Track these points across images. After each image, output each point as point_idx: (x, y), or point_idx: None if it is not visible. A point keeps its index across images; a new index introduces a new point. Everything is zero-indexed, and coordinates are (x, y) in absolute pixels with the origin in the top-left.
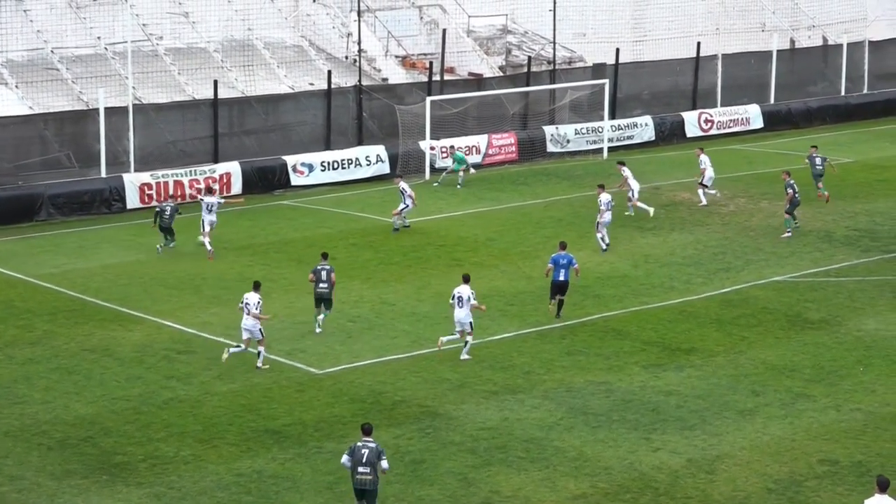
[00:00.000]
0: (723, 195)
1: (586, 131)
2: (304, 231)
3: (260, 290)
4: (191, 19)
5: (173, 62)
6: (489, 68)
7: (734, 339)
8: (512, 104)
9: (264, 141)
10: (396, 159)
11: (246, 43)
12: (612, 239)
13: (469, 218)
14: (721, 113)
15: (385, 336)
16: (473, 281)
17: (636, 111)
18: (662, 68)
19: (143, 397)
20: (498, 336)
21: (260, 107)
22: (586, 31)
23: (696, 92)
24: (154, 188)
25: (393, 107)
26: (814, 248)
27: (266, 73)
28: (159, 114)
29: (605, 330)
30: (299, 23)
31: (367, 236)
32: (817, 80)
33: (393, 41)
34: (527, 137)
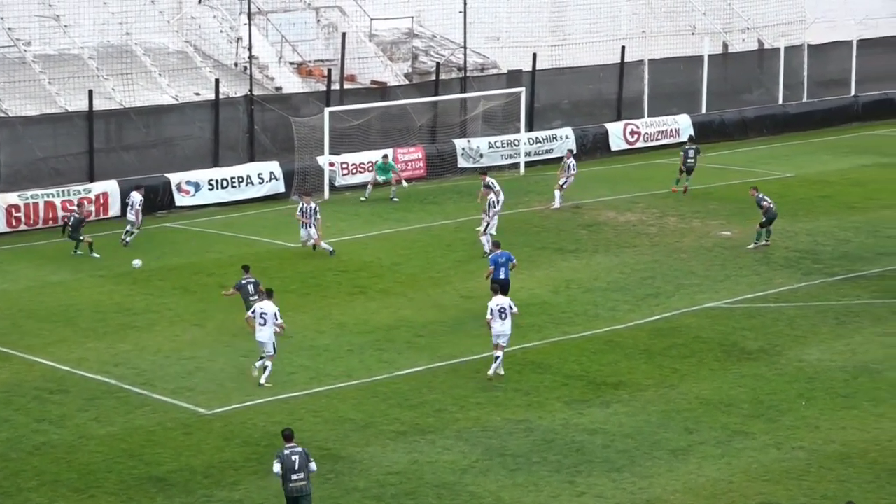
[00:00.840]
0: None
1: (501, 144)
2: (191, 256)
3: (274, 298)
4: (62, 23)
5: (43, 70)
6: (394, 76)
7: (665, 371)
8: (419, 115)
9: (145, 157)
10: (292, 176)
11: (124, 49)
12: (529, 263)
13: (373, 240)
14: (648, 124)
15: (281, 372)
16: (378, 311)
17: (555, 122)
18: (584, 75)
19: (11, 442)
20: (406, 370)
21: (140, 119)
22: (500, 35)
23: (621, 101)
24: (23, 210)
25: (288, 119)
26: (751, 272)
27: (147, 81)
28: (28, 127)
29: (524, 363)
30: (183, 27)
31: (260, 261)
32: (753, 87)
33: (287, 46)
34: (436, 152)
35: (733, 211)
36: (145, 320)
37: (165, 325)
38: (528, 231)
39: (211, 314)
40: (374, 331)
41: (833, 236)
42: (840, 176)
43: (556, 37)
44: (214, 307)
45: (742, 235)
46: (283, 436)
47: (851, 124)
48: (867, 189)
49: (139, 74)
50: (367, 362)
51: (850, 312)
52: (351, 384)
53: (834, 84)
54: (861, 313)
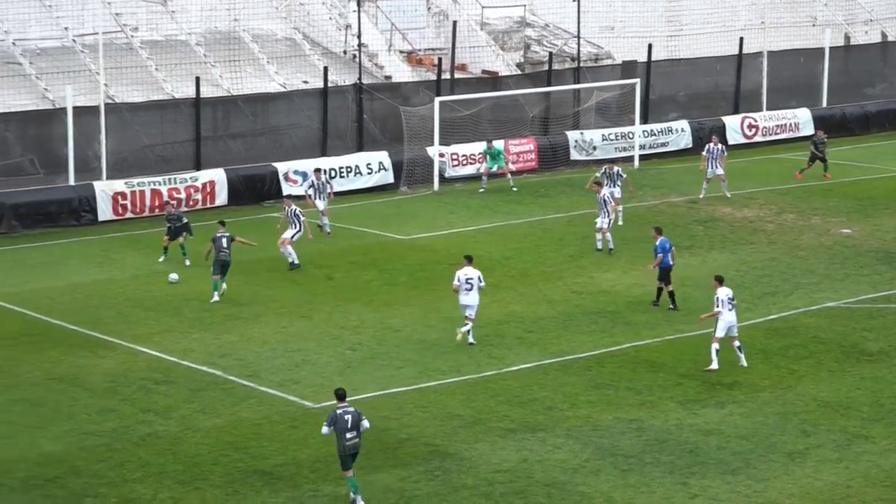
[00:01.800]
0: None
1: (615, 137)
2: (298, 247)
3: (473, 263)
4: (170, 8)
5: (150, 56)
6: (505, 65)
7: (782, 372)
8: (531, 106)
9: (252, 145)
10: (401, 167)
11: (232, 35)
12: (644, 260)
13: (483, 234)
14: (767, 117)
15: (389, 366)
16: (488, 305)
17: (671, 115)
18: (701, 67)
19: (116, 433)
20: (516, 367)
21: (247, 107)
22: (615, 25)
23: (739, 94)
24: (129, 198)
25: (397, 108)
26: (872, 271)
27: (255, 69)
28: (134, 114)
29: (637, 361)
30: (292, 13)
31: (368, 254)
32: (875, 80)
33: (397, 35)
34: (548, 144)
35: (854, 208)
36: (252, 311)
37: (272, 317)
38: (641, 226)
39: (318, 306)
40: (484, 326)
41: None
42: None
43: (673, 27)
44: (322, 299)
45: (863, 233)
46: (336, 395)
47: None
48: None
49: (247, 61)
50: (476, 357)
51: None
52: (460, 380)
53: None
54: None
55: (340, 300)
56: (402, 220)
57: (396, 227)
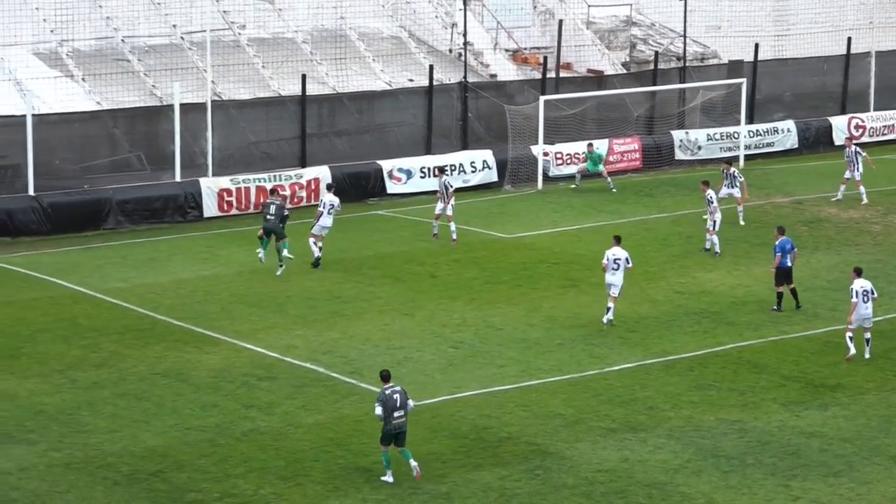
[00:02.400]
0: (863, 210)
1: (720, 137)
2: (401, 245)
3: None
4: (277, 6)
5: (257, 54)
6: (611, 65)
7: (887, 374)
8: (636, 105)
9: (357, 143)
10: (505, 165)
11: (338, 33)
12: (747, 259)
13: (586, 233)
14: (874, 118)
15: (491, 364)
16: (590, 304)
17: (777, 115)
18: (808, 67)
19: (219, 428)
20: (618, 367)
21: (353, 105)
22: (721, 24)
23: (846, 94)
24: (234, 194)
25: (502, 107)
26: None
27: (360, 67)
28: (241, 111)
29: (739, 362)
30: (398, 12)
31: (471, 252)
32: None
33: (503, 33)
34: (652, 143)
35: None
36: (354, 308)
37: (374, 314)
38: (746, 226)
39: (421, 304)
40: (586, 325)
41: None
42: None
43: (780, 27)
44: (424, 297)
45: None
46: (381, 377)
47: None
48: None
49: (353, 59)
50: (577, 357)
51: None
52: (561, 379)
53: None
54: None
55: (443, 298)
56: (506, 218)
57: (500, 225)
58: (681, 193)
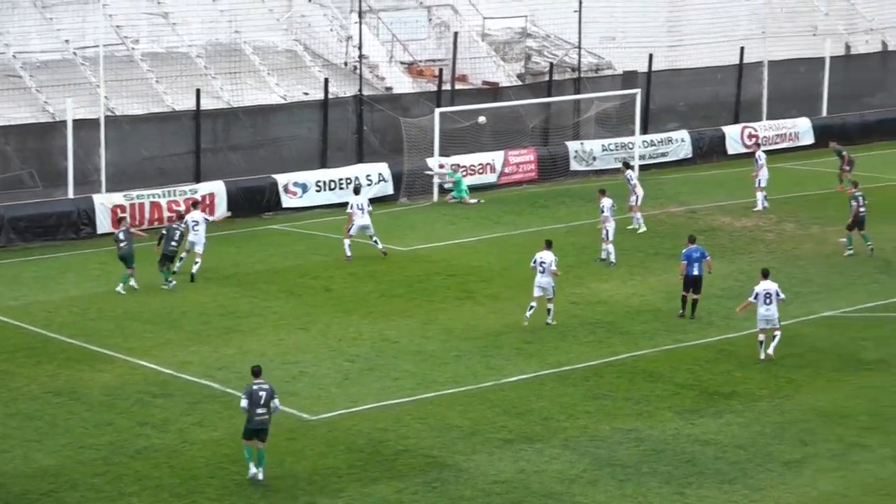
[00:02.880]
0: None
1: (615, 147)
2: (297, 259)
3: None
4: (171, 21)
5: (150, 69)
6: (506, 76)
7: (780, 381)
8: (531, 117)
9: (252, 157)
10: (401, 178)
11: (233, 47)
12: (642, 269)
13: (482, 244)
14: (767, 127)
15: (387, 377)
16: (485, 316)
17: (671, 125)
18: (701, 76)
19: (113, 446)
20: (514, 378)
21: (248, 119)
22: (615, 35)
23: (739, 103)
24: (128, 211)
25: (398, 119)
26: (870, 280)
27: (255, 81)
28: (134, 127)
29: (635, 371)
30: (293, 25)
31: (367, 265)
32: (876, 90)
33: (398, 46)
34: (548, 154)
35: None
36: (249, 324)
37: (270, 329)
38: (640, 236)
39: (316, 318)
40: (482, 336)
41: None
42: None
43: (673, 37)
44: (320, 311)
45: (862, 243)
46: (252, 372)
47: None
48: None
49: (247, 73)
50: (473, 368)
51: None
52: (458, 391)
53: None
54: None
55: (339, 312)
56: (402, 231)
57: (395, 238)
58: (576, 204)
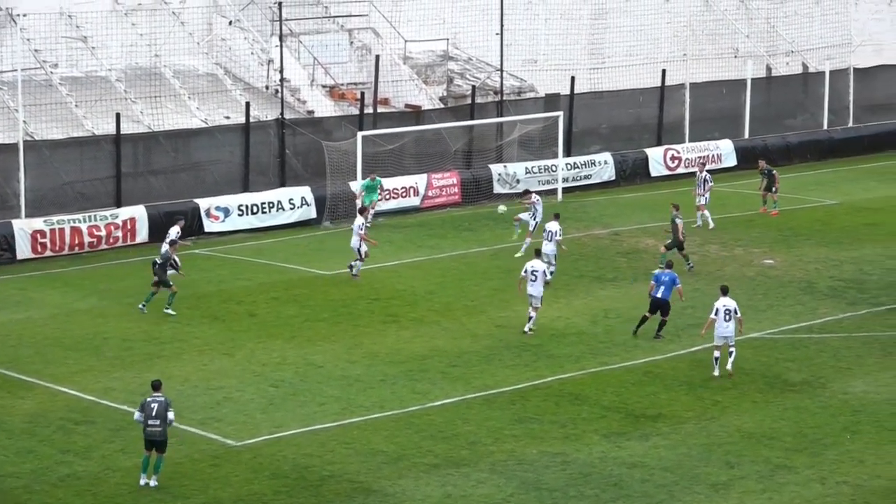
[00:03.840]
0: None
1: (538, 170)
2: (220, 284)
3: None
4: (90, 44)
5: (70, 93)
6: (428, 99)
7: (706, 403)
8: (454, 140)
9: (174, 182)
10: (324, 202)
11: (153, 71)
12: (567, 292)
13: (406, 268)
14: (689, 149)
15: (312, 402)
16: (411, 340)
17: (594, 147)
18: (623, 99)
19: (35, 474)
20: (439, 402)
21: (169, 143)
22: (538, 58)
23: (662, 126)
24: (48, 236)
25: (320, 143)
26: (794, 301)
27: (176, 105)
28: (54, 151)
29: (561, 394)
30: (213, 49)
31: (290, 289)
32: (797, 112)
33: (319, 69)
34: (471, 177)
35: (777, 238)
36: (173, 349)
37: (193, 354)
38: (565, 258)
39: (240, 343)
40: (407, 360)
41: (879, 265)
42: (887, 203)
43: (595, 60)
44: (244, 336)
45: (785, 264)
46: (151, 385)
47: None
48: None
49: (168, 97)
50: (399, 393)
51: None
52: (383, 415)
53: (881, 109)
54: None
55: (263, 337)
56: (325, 255)
57: (319, 262)
58: (500, 227)
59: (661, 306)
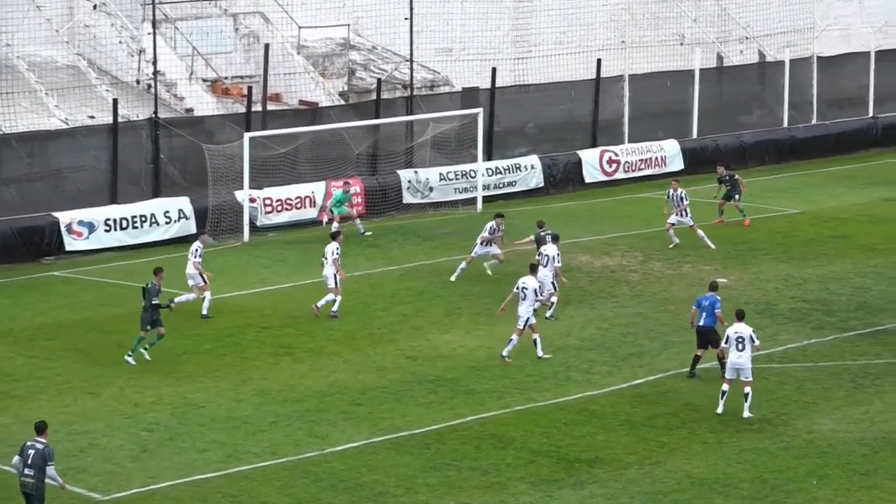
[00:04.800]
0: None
1: (455, 176)
2: (83, 311)
3: (536, 273)
4: None
5: None
6: (326, 95)
7: (650, 445)
8: (357, 142)
9: (28, 192)
10: (205, 215)
11: (4, 63)
12: (488, 317)
13: (301, 291)
14: (629, 151)
15: (192, 449)
16: (307, 374)
17: (519, 149)
18: (553, 93)
19: None
20: (341, 447)
21: (22, 147)
22: (453, 46)
23: (597, 124)
24: None
25: (201, 146)
26: (752, 325)
27: (31, 102)
28: None
29: (482, 436)
30: (75, 37)
31: (166, 317)
32: (753, 107)
33: (200, 60)
34: (377, 185)
35: (730, 254)
36: (28, 388)
37: (53, 394)
38: (487, 279)
39: (108, 380)
40: (304, 399)
41: (849, 283)
42: (857, 212)
43: (520, 48)
44: (112, 371)
45: (741, 283)
46: (35, 427)
47: (869, 151)
48: (889, 227)
49: (22, 94)
50: (294, 436)
51: (869, 374)
52: (275, 463)
53: (849, 103)
54: (882, 375)
55: (134, 372)
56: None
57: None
58: (410, 242)
59: (708, 337)
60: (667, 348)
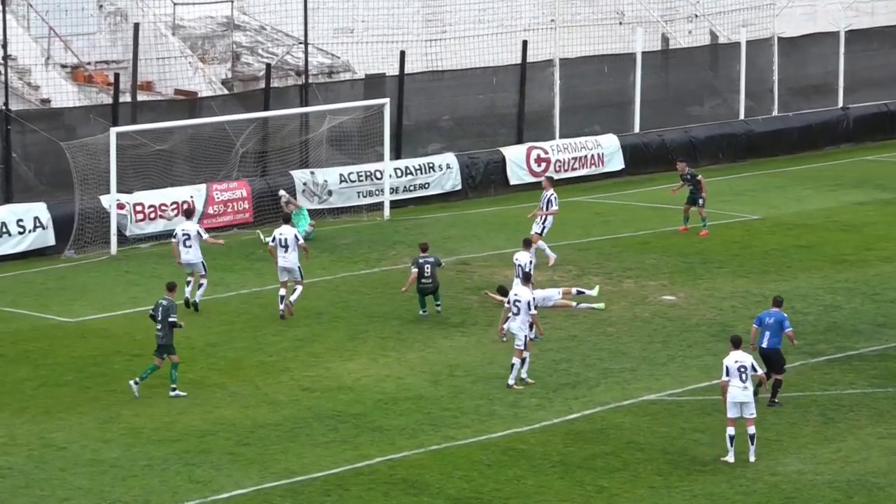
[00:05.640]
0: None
1: (358, 177)
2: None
3: None
4: None
5: None
6: (207, 83)
7: (587, 490)
8: (243, 137)
9: None
10: (66, 224)
11: None
12: (397, 342)
13: (178, 311)
14: (561, 148)
15: (51, 498)
16: (186, 410)
17: (433, 146)
18: (471, 81)
19: None
20: (226, 493)
21: None
22: (354, 26)
23: (523, 117)
24: None
25: (59, 143)
26: (704, 351)
27: None
28: None
29: (392, 481)
30: None
31: (20, 343)
32: (704, 96)
33: (57, 43)
34: (266, 188)
35: (679, 267)
36: None
37: None
38: (396, 297)
39: None
40: (182, 438)
41: (816, 301)
42: (825, 217)
43: (433, 29)
44: None
45: (691, 301)
46: None
47: (839, 147)
48: (862, 236)
49: None
50: (171, 482)
51: (842, 406)
52: None
53: (815, 91)
54: (856, 407)
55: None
56: (68, 295)
57: (60, 305)
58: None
59: (774, 360)
60: (605, 377)
